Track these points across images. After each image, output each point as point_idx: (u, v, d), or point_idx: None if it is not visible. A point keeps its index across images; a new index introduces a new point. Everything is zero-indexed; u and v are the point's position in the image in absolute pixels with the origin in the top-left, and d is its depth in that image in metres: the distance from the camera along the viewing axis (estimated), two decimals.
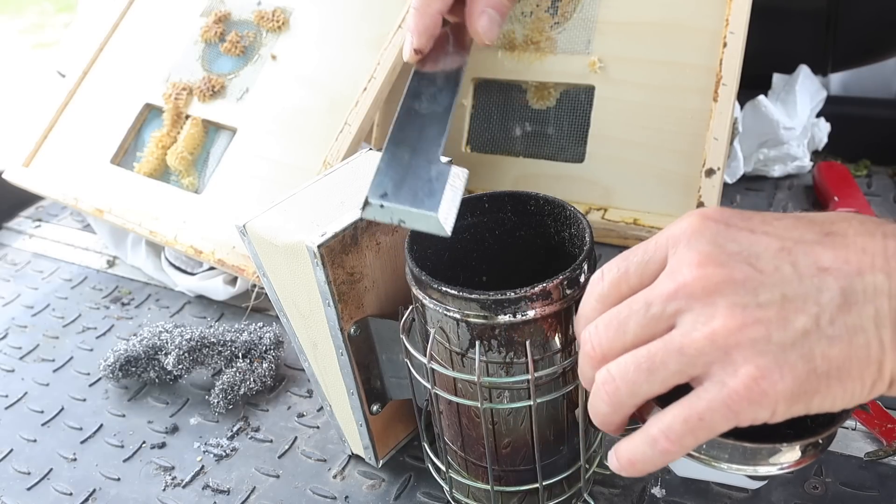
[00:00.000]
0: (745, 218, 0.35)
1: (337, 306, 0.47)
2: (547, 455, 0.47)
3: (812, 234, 0.33)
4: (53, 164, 0.90)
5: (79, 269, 0.89)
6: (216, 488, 0.58)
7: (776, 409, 0.32)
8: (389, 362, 0.51)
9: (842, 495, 0.51)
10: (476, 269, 0.50)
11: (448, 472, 0.50)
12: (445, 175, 0.43)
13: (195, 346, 0.66)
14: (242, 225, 0.48)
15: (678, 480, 0.53)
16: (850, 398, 0.32)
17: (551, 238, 0.47)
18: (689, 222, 0.35)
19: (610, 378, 0.35)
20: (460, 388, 0.45)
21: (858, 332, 0.31)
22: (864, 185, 0.84)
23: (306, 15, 0.83)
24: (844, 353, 0.31)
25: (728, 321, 0.32)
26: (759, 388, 0.31)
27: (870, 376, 0.32)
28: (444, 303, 0.41)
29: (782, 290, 0.32)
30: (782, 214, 0.35)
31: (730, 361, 0.32)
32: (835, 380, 0.31)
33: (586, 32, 0.80)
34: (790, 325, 0.31)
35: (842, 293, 0.31)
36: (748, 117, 0.84)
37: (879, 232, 0.33)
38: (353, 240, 0.46)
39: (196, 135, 0.83)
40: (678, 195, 0.74)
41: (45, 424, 0.67)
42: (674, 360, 0.33)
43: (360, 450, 0.57)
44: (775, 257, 0.33)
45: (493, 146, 0.84)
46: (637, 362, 0.34)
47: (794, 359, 0.31)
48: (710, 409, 0.32)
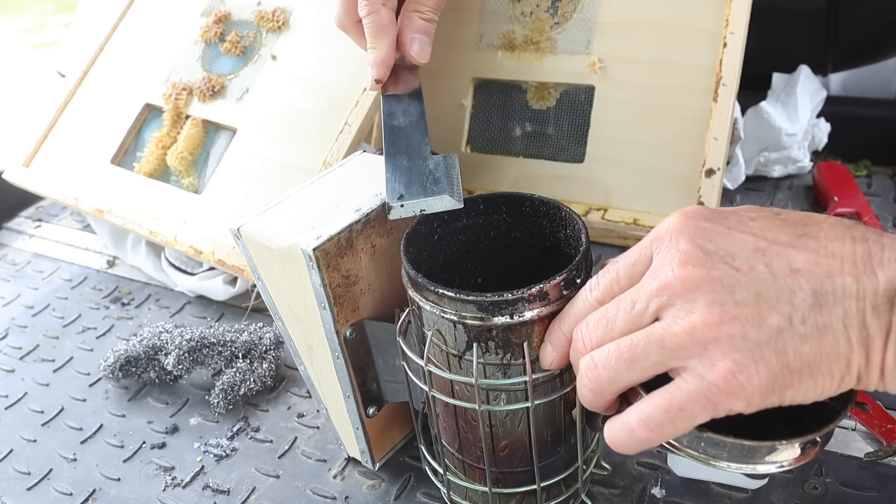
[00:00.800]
0: (724, 217, 0.36)
1: (332, 309, 0.47)
2: (544, 456, 0.47)
3: (786, 235, 0.35)
4: (53, 165, 0.90)
5: (79, 270, 0.89)
6: (216, 488, 0.58)
7: (752, 400, 0.34)
8: (385, 365, 0.51)
9: (842, 495, 0.51)
10: (471, 271, 0.50)
11: (445, 475, 0.50)
12: (441, 164, 0.50)
13: (195, 346, 0.66)
14: (237, 228, 0.48)
15: (678, 480, 0.53)
16: (821, 392, 0.34)
17: (546, 239, 0.47)
18: (671, 222, 0.37)
19: (593, 365, 0.37)
20: (457, 391, 0.45)
21: (828, 331, 0.33)
22: (864, 185, 0.84)
23: (306, 15, 0.83)
24: (815, 350, 0.33)
25: (707, 317, 0.34)
26: (736, 381, 0.33)
27: (839, 371, 0.34)
28: (441, 305, 0.41)
29: (757, 289, 0.34)
30: (758, 213, 0.37)
31: (708, 355, 0.34)
32: (806, 374, 0.33)
33: (586, 32, 0.80)
34: (765, 323, 0.33)
35: (813, 294, 0.33)
36: (750, 124, 0.84)
37: (848, 236, 0.34)
38: (348, 242, 0.46)
39: (196, 135, 0.83)
40: (678, 195, 0.74)
41: (45, 424, 0.67)
42: (654, 351, 0.35)
43: (356, 453, 0.57)
44: (750, 257, 0.34)
45: (493, 146, 0.84)
46: (619, 351, 0.36)
47: (768, 354, 0.33)
48: (690, 400, 0.34)
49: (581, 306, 0.39)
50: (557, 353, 0.40)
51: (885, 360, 0.33)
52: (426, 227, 0.47)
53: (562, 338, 0.40)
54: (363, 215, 0.46)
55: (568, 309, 0.40)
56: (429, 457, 0.52)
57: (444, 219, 0.47)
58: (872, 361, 0.33)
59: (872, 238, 0.34)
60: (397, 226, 0.48)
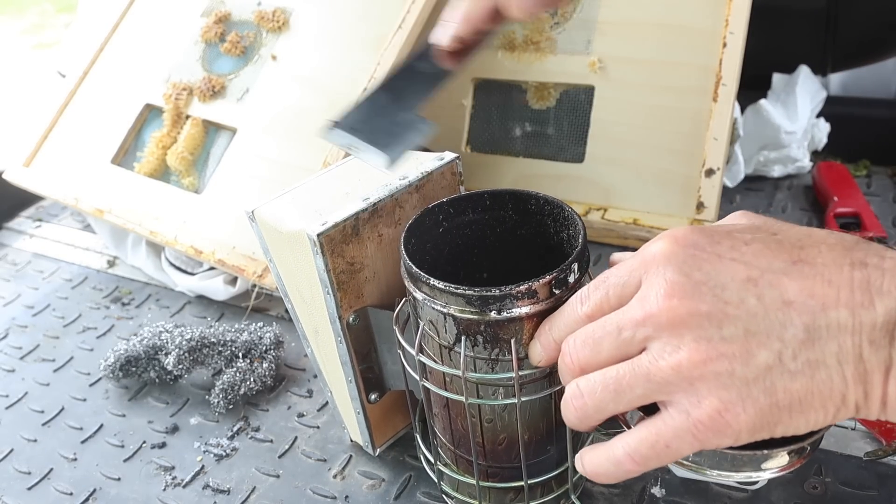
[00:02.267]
0: (715, 242, 0.35)
1: (336, 295, 0.48)
2: (534, 454, 0.47)
3: (780, 261, 0.33)
4: (54, 165, 0.90)
5: (79, 269, 0.89)
6: (216, 488, 0.58)
7: (739, 437, 0.33)
8: (388, 353, 0.52)
9: (841, 495, 0.51)
10: (477, 266, 0.50)
11: (437, 465, 0.51)
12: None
13: (195, 346, 0.66)
14: (251, 211, 0.50)
15: (678, 480, 0.53)
16: (814, 425, 0.33)
17: (550, 238, 0.47)
18: (661, 247, 0.35)
19: (579, 394, 0.37)
20: (448, 382, 0.45)
21: (821, 368, 0.32)
22: (863, 185, 0.84)
23: (306, 15, 0.83)
24: (806, 388, 0.32)
25: (693, 354, 0.33)
26: (722, 419, 0.33)
27: (833, 406, 0.32)
28: (433, 296, 0.42)
29: (746, 325, 0.33)
30: (754, 234, 0.35)
31: (694, 392, 0.33)
32: (797, 412, 0.32)
33: (586, 32, 0.80)
34: (753, 360, 0.32)
35: (805, 329, 0.32)
36: (749, 122, 0.84)
37: (847, 262, 0.33)
38: (354, 230, 0.47)
39: (196, 135, 0.83)
40: (678, 195, 0.74)
41: (45, 424, 0.67)
42: (640, 385, 0.34)
43: (358, 437, 0.57)
44: (741, 288, 0.33)
45: (493, 146, 0.84)
46: (605, 383, 0.36)
47: (756, 393, 0.32)
48: (676, 437, 0.34)
49: (571, 316, 0.39)
50: (546, 353, 0.40)
51: (887, 393, 0.32)
52: (431, 220, 0.47)
53: (551, 341, 0.40)
54: (370, 204, 0.47)
55: (559, 314, 0.40)
56: (423, 446, 0.52)
57: (450, 212, 0.48)
58: (872, 395, 0.32)
59: (873, 263, 0.32)
60: (405, 217, 0.48)
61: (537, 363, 0.41)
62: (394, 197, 0.48)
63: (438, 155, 0.52)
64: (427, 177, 0.50)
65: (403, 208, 0.49)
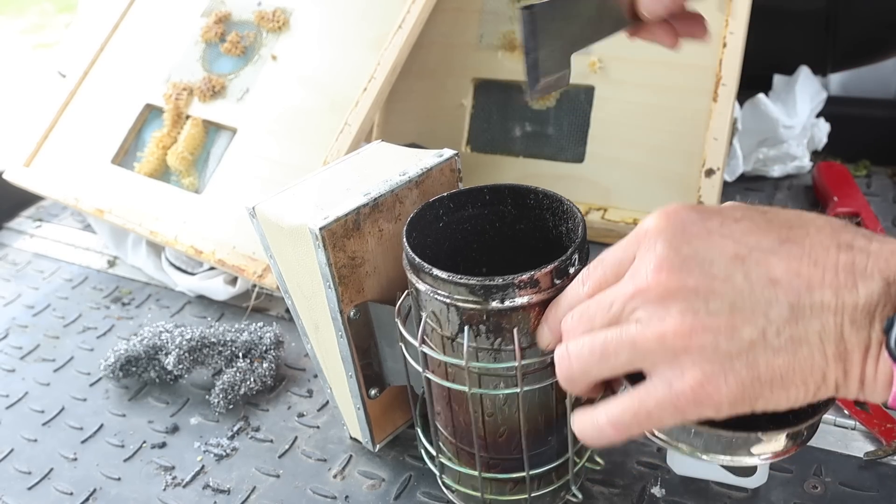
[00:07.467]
0: (706, 218, 0.36)
1: (337, 289, 0.48)
2: (536, 445, 0.47)
3: (769, 240, 0.34)
4: (54, 165, 0.90)
5: (79, 269, 0.89)
6: (216, 488, 0.58)
7: (720, 409, 0.34)
8: (388, 348, 0.52)
9: (841, 495, 0.51)
10: (476, 261, 0.51)
11: (438, 458, 0.51)
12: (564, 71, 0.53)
13: (195, 345, 0.66)
14: (252, 207, 0.50)
15: (678, 480, 0.53)
16: (794, 402, 0.34)
17: (549, 232, 0.48)
18: (653, 223, 0.36)
19: (566, 355, 0.38)
20: (450, 373, 0.46)
21: (803, 345, 0.33)
22: (863, 185, 0.84)
23: (306, 15, 0.83)
24: (788, 363, 0.33)
25: (678, 326, 0.34)
26: (704, 391, 0.33)
27: (813, 383, 0.33)
28: (435, 287, 0.42)
29: (732, 301, 0.33)
30: (744, 212, 0.36)
31: (678, 363, 0.34)
32: (778, 387, 0.33)
33: None
34: (737, 335, 0.33)
35: (790, 308, 0.33)
36: (748, 115, 0.84)
37: (834, 244, 0.33)
38: (355, 224, 0.47)
39: (196, 135, 0.83)
40: (678, 195, 0.74)
41: (45, 424, 0.67)
42: (625, 351, 0.35)
43: (357, 433, 0.57)
44: (729, 264, 0.34)
45: (494, 146, 0.84)
46: (592, 346, 0.37)
47: (738, 366, 0.33)
48: (658, 407, 0.34)
49: (574, 297, 0.40)
50: (554, 336, 0.41)
51: (865, 373, 0.32)
52: (431, 214, 0.48)
53: (557, 322, 0.41)
54: (371, 199, 0.47)
55: (563, 296, 0.41)
56: (424, 439, 0.52)
57: (450, 207, 0.48)
58: (851, 374, 0.33)
59: (859, 245, 0.33)
60: (405, 212, 0.49)
61: (545, 347, 0.42)
62: (394, 192, 0.48)
63: (437, 151, 0.52)
64: (426, 173, 0.50)
65: (403, 204, 0.49)
